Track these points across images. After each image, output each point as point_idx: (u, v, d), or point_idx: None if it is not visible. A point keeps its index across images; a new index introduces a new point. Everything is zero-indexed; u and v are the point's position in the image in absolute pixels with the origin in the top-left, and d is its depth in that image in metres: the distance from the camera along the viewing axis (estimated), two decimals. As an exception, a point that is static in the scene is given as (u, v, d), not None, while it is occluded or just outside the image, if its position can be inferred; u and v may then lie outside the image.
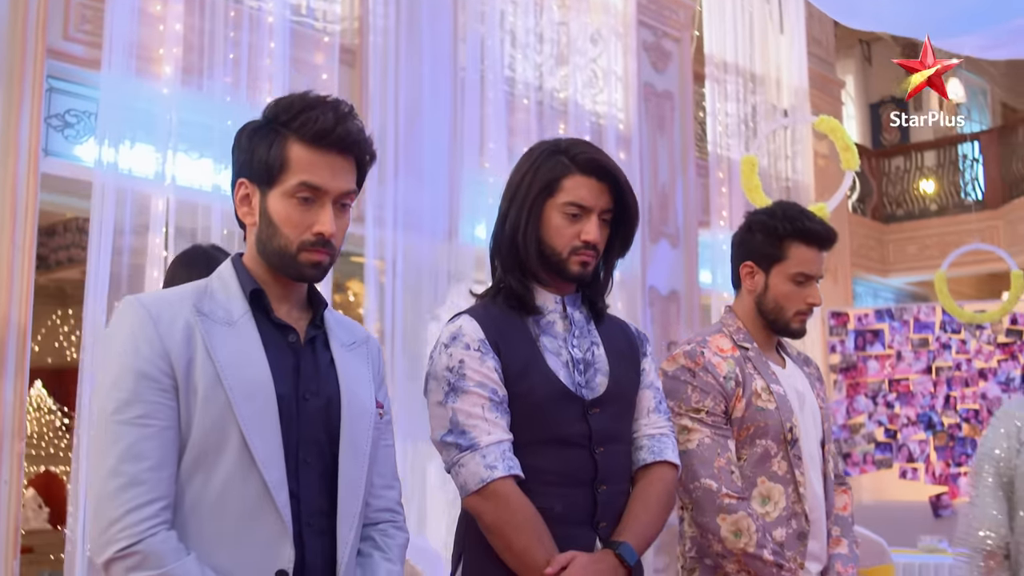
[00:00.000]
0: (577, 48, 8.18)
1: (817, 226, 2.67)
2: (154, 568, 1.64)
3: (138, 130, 5.50)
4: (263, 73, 5.99)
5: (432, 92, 6.83)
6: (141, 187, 5.46)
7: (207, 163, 5.82)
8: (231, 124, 5.84)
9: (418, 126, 6.72)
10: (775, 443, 2.55)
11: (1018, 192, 12.25)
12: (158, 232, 5.47)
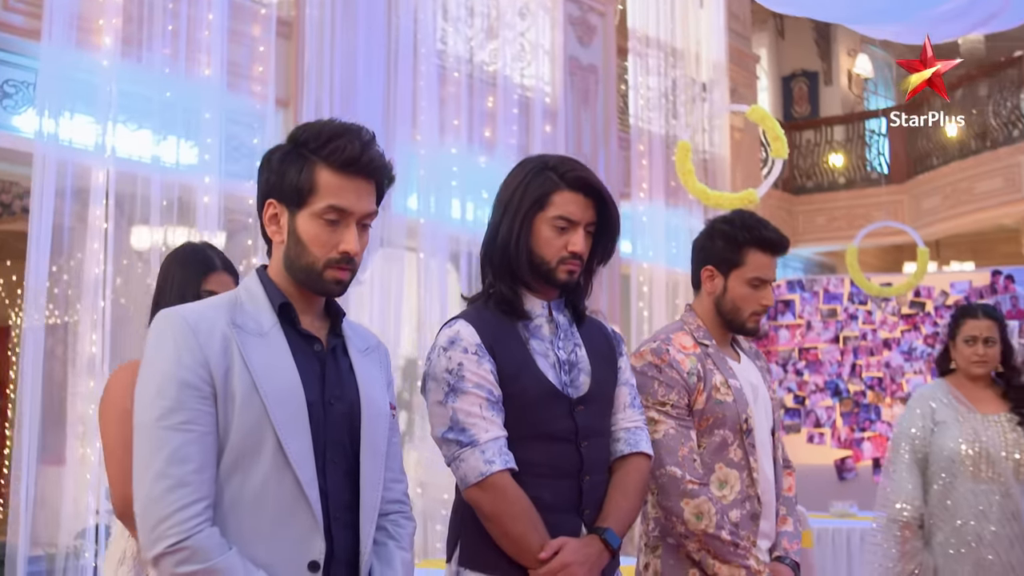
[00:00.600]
0: (506, 22, 8.30)
1: (773, 235, 2.88)
2: (202, 562, 1.79)
3: (78, 101, 5.51)
4: (202, 45, 6.01)
5: (367, 65, 6.90)
6: (81, 158, 5.47)
7: (146, 134, 5.85)
8: (170, 96, 5.88)
9: (353, 98, 6.79)
10: (732, 432, 2.78)
11: (922, 168, 12.74)
12: (99, 203, 5.49)
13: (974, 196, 11.83)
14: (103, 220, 5.48)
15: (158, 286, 2.78)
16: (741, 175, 11.71)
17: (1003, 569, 3.64)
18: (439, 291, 7.24)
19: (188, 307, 1.96)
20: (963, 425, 3.75)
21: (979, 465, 3.68)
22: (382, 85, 7.03)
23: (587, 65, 9.34)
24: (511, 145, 8.01)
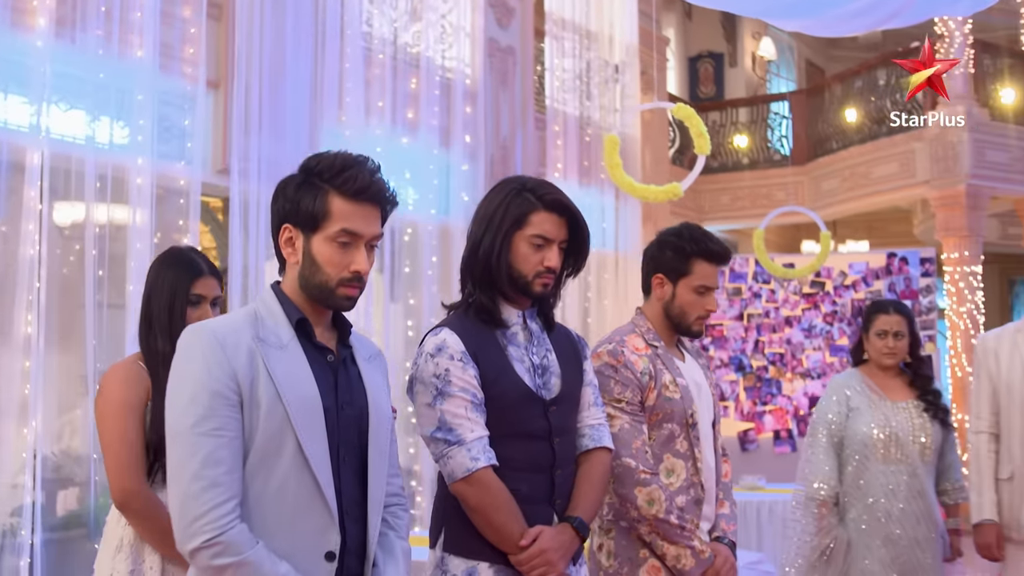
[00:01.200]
0: (429, 4, 8.42)
1: (717, 247, 3.16)
2: (235, 555, 1.99)
3: (12, 82, 5.53)
4: (134, 26, 6.05)
5: (295, 47, 6.99)
6: (15, 139, 5.50)
7: (80, 115, 5.88)
8: (103, 77, 5.92)
9: (282, 80, 6.88)
10: (679, 426, 3.06)
11: (823, 151, 13.22)
12: (33, 185, 5.53)
13: (871, 180, 12.33)
14: (37, 200, 5.51)
15: (149, 287, 2.92)
16: (650, 155, 12.03)
17: (909, 543, 3.98)
18: (372, 266, 7.39)
19: (215, 323, 2.14)
20: (875, 411, 4.08)
21: (889, 448, 4.02)
22: (309, 67, 7.12)
23: (506, 47, 9.49)
24: (433, 126, 8.17)
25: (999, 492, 4.09)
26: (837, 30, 8.84)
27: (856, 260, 10.42)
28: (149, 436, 2.77)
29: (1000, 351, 4.15)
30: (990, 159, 11.56)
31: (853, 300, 10.38)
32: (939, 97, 11.70)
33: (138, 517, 2.74)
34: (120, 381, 2.80)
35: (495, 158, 9.12)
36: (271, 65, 6.82)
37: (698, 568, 2.94)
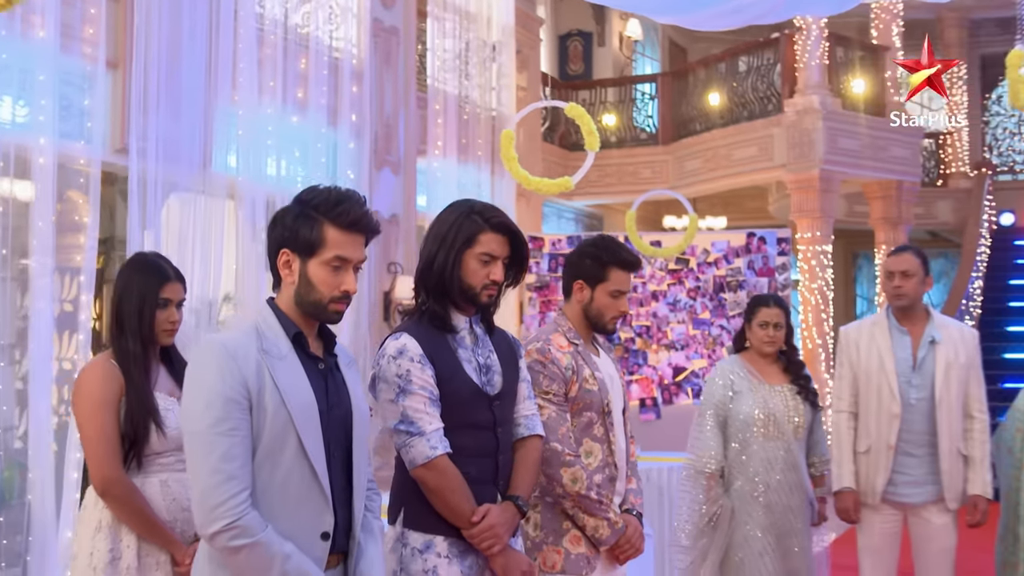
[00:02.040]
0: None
1: (630, 256, 3.60)
2: (249, 537, 2.32)
3: (-91, 64, 5.59)
4: (36, 6, 6.12)
5: (191, 27, 7.12)
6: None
7: (-18, 96, 5.96)
8: (5, 57, 6.00)
9: (178, 60, 7.01)
10: (596, 414, 3.49)
11: (687, 132, 13.86)
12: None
13: (732, 162, 13.03)
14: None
15: (120, 291, 3.19)
16: (524, 132, 12.43)
17: (784, 510, 4.50)
18: (254, 242, 7.59)
19: (224, 337, 2.45)
20: (755, 394, 4.57)
21: (768, 427, 4.52)
22: (204, 48, 7.26)
23: (389, 27, 9.72)
24: (321, 105, 8.39)
25: (857, 464, 4.65)
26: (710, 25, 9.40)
27: (718, 239, 11.04)
28: (124, 428, 3.06)
29: (860, 342, 4.70)
30: (842, 146, 12.36)
31: (715, 276, 11.02)
32: (796, 86, 12.45)
33: (117, 502, 3.03)
34: (98, 379, 3.08)
35: (379, 136, 9.38)
36: (168, 46, 6.95)
37: (613, 537, 3.39)
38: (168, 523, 3.14)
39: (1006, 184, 17.98)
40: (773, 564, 4.47)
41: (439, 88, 10.55)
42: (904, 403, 4.52)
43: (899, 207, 13.64)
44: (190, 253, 7.17)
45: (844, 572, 5.79)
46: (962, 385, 4.54)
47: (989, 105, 18.84)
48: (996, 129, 18.84)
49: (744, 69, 13.23)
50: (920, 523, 4.57)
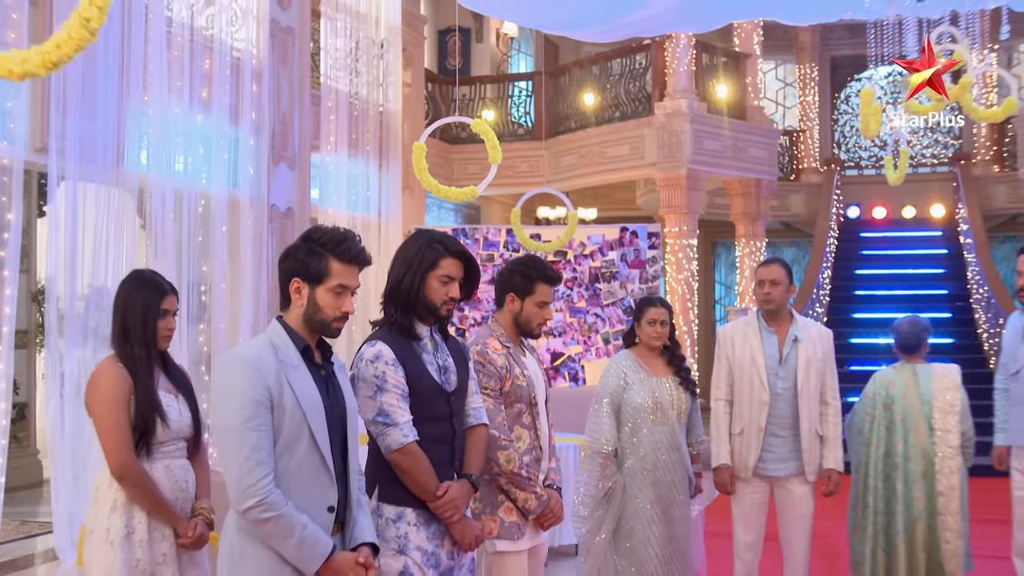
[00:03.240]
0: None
1: (553, 272, 4.26)
2: (276, 510, 2.89)
3: None
4: (-41, 13, 6.44)
5: (105, 30, 7.43)
6: None
7: None
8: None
9: (93, 62, 7.36)
10: (525, 405, 4.13)
11: (563, 129, 14.58)
12: None
13: (605, 159, 13.80)
14: None
15: (123, 304, 3.70)
16: (409, 126, 12.97)
17: (668, 484, 5.19)
18: (164, 235, 7.99)
19: (248, 351, 3.01)
20: (644, 385, 5.25)
21: (656, 413, 5.21)
22: (118, 51, 7.62)
23: (286, 27, 10.09)
24: (224, 104, 8.78)
25: (732, 443, 5.41)
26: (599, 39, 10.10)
27: (594, 233, 11.80)
28: (135, 422, 3.58)
29: (735, 340, 5.45)
30: (707, 147, 13.26)
31: (591, 268, 11.79)
32: (665, 90, 13.29)
33: (131, 484, 3.56)
34: (111, 380, 3.59)
35: (276, 132, 9.76)
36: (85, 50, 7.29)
37: (539, 507, 4.05)
38: (171, 502, 3.67)
39: (853, 179, 19.23)
40: (659, 531, 5.16)
41: (331, 86, 11.01)
42: (772, 392, 5.29)
43: (758, 203, 14.66)
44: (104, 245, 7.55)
45: (717, 538, 6.57)
46: (819, 376, 5.33)
47: (838, 104, 20.06)
48: (844, 127, 20.07)
49: (617, 72, 14.01)
50: (784, 493, 5.36)
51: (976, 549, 5.43)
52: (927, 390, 5.36)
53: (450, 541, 3.54)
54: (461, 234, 11.96)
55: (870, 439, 5.43)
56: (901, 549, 5.25)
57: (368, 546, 3.14)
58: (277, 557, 2.94)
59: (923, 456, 5.27)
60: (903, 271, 17.07)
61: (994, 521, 6.60)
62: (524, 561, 4.08)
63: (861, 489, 5.43)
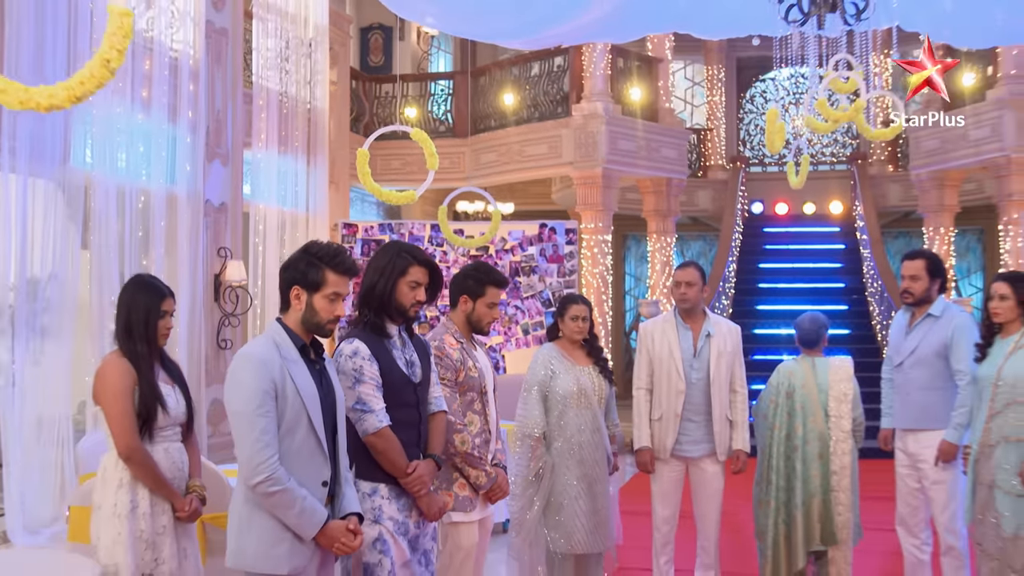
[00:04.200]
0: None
1: (501, 277, 4.81)
2: (281, 485, 3.40)
3: None
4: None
5: (53, 33, 7.80)
6: None
7: None
8: None
9: (42, 64, 7.69)
10: (476, 394, 4.67)
11: (483, 127, 15.12)
12: None
13: (524, 157, 14.39)
14: None
15: (127, 306, 4.15)
16: (335, 124, 13.39)
17: (592, 463, 5.74)
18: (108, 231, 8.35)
19: (254, 349, 3.51)
20: (569, 374, 5.80)
21: (580, 399, 5.76)
22: (65, 52, 7.95)
23: (220, 28, 10.45)
24: (163, 103, 9.13)
25: (652, 428, 6.02)
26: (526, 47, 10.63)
27: (515, 228, 12.37)
28: (139, 409, 4.05)
29: (654, 335, 6.06)
30: (621, 147, 13.92)
31: (511, 262, 12.36)
32: (582, 92, 13.89)
33: (136, 464, 4.03)
34: (118, 373, 4.06)
35: (211, 130, 10.13)
36: (34, 52, 7.61)
37: (488, 483, 4.61)
38: (170, 480, 4.14)
39: (757, 175, 20.01)
40: (585, 504, 5.73)
41: (263, 84, 11.38)
42: (687, 382, 5.92)
43: (668, 201, 15.38)
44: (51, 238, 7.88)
45: (637, 516, 7.18)
46: (729, 368, 5.97)
47: (744, 104, 20.86)
48: (749, 126, 20.87)
49: (536, 73, 14.59)
50: (698, 472, 5.99)
51: (865, 521, 6.10)
52: (824, 381, 6.01)
53: (417, 512, 4.08)
54: (387, 229, 12.45)
55: (773, 423, 6.06)
56: (799, 520, 5.91)
57: (355, 515, 3.67)
58: (280, 524, 3.47)
59: (819, 439, 5.92)
60: (804, 265, 17.81)
61: (882, 497, 7.31)
62: (475, 530, 4.65)
63: (765, 468, 6.07)
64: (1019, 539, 5.09)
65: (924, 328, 5.88)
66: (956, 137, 14.27)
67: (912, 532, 6.03)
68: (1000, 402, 5.25)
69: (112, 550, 4.00)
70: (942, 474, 5.80)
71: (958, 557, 5.83)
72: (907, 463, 6.00)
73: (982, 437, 5.32)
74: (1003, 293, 5.34)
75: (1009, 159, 13.39)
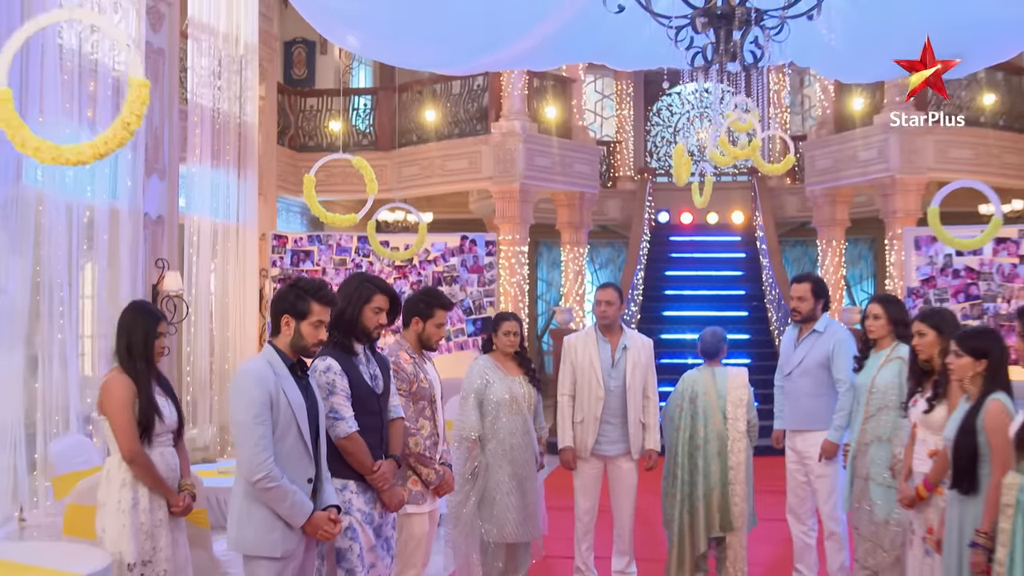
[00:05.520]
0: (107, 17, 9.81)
1: (448, 300, 5.52)
2: (276, 482, 4.07)
3: None
4: None
5: (7, 57, 8.28)
6: None
7: None
8: None
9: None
10: (427, 402, 5.37)
11: (405, 142, 15.77)
12: None
13: (445, 171, 15.08)
14: None
15: (127, 329, 4.77)
16: (263, 137, 13.93)
17: (522, 462, 6.44)
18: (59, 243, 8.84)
19: (254, 367, 4.16)
20: (502, 383, 6.49)
21: (512, 406, 6.46)
22: (18, 75, 8.43)
23: (157, 49, 10.93)
24: (106, 122, 9.57)
25: (574, 430, 6.77)
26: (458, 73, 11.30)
27: (437, 240, 13.08)
28: (139, 418, 4.67)
29: (577, 347, 6.82)
30: (537, 163, 14.70)
31: (434, 272, 13.06)
32: (501, 111, 14.63)
33: (138, 466, 4.66)
34: (121, 387, 4.68)
35: (149, 146, 10.63)
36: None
37: (437, 480, 5.33)
38: (165, 479, 4.77)
39: (663, 186, 20.74)
40: (515, 499, 6.42)
41: (197, 102, 11.90)
42: (606, 390, 6.69)
43: (581, 214, 16.21)
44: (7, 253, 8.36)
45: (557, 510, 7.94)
46: (642, 377, 6.76)
47: (651, 117, 21.76)
48: (656, 138, 21.76)
49: (457, 92, 15.30)
50: (615, 468, 6.78)
51: (759, 510, 6.93)
52: (723, 388, 6.81)
53: (380, 504, 4.78)
54: (316, 240, 13.04)
55: (679, 425, 6.85)
56: (701, 510, 6.70)
57: (334, 507, 4.36)
58: (274, 515, 4.15)
59: (718, 439, 6.73)
60: (707, 273, 18.66)
61: (774, 490, 8.15)
62: (426, 520, 5.37)
63: (672, 464, 6.86)
64: (889, 523, 5.94)
65: (810, 342, 6.75)
66: (847, 157, 15.33)
67: (800, 519, 6.89)
68: (873, 407, 6.10)
69: (117, 540, 4.63)
70: (825, 469, 6.67)
71: (838, 540, 6.71)
72: (795, 459, 6.87)
73: (859, 437, 6.17)
74: (876, 313, 6.21)
75: (894, 179, 14.49)
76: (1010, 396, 4.58)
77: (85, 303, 9.57)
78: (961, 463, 4.57)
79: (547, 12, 7.84)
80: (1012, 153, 14.92)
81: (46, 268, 8.76)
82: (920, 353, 5.45)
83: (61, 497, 6.45)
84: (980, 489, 4.51)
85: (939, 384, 5.22)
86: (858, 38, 8.32)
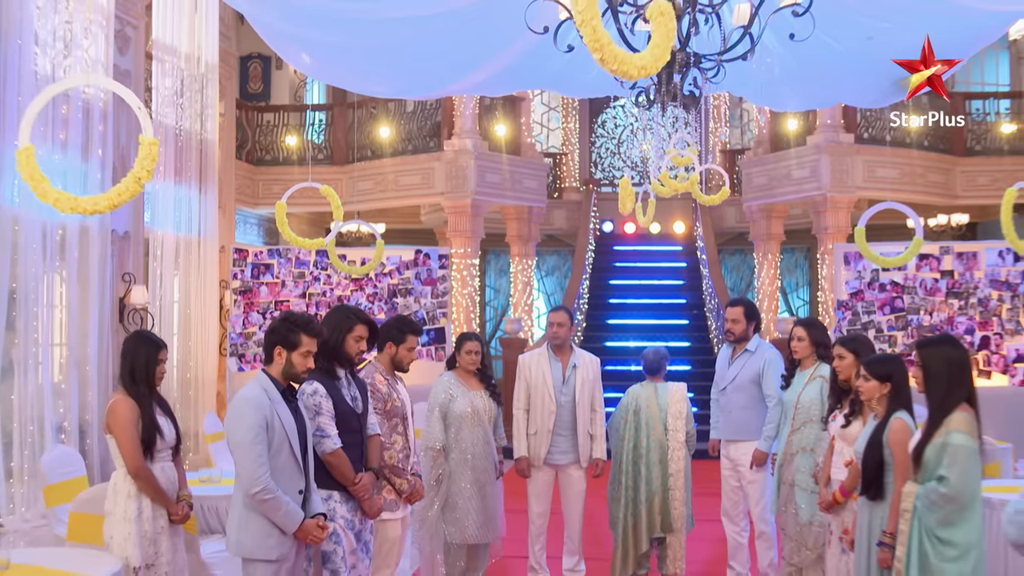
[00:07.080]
0: (77, 43, 10.24)
1: (418, 326, 6.10)
2: (272, 494, 4.63)
3: None
4: None
5: None
6: None
7: None
8: None
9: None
10: (399, 419, 5.95)
11: (360, 157, 16.27)
12: None
13: (399, 186, 15.62)
14: None
15: (131, 355, 5.30)
16: (223, 153, 14.36)
17: (482, 470, 7.00)
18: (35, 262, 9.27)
19: (250, 393, 4.71)
20: (465, 398, 7.07)
21: (474, 418, 7.04)
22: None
23: (124, 71, 11.33)
24: (77, 144, 10.06)
25: (528, 441, 7.38)
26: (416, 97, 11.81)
27: (393, 254, 13.60)
28: (142, 437, 5.21)
29: (531, 365, 7.43)
30: (488, 180, 15.30)
31: (389, 284, 13.59)
32: (454, 129, 15.20)
33: (142, 480, 5.19)
34: (126, 409, 5.21)
35: (116, 166, 11.02)
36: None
37: (409, 489, 5.92)
38: (165, 491, 5.31)
39: (607, 196, 21.44)
40: (476, 504, 7.00)
41: (161, 121, 12.31)
42: (557, 404, 7.31)
43: (530, 227, 16.84)
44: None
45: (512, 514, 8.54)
46: (591, 392, 7.39)
47: (596, 129, 22.42)
48: (600, 149, 22.45)
49: (411, 109, 15.84)
50: (565, 476, 7.41)
51: (696, 513, 7.58)
52: (664, 401, 7.45)
53: (360, 512, 5.37)
54: (276, 254, 13.53)
55: (624, 435, 7.47)
56: (644, 513, 7.33)
57: (321, 515, 4.93)
58: (269, 523, 4.72)
59: (659, 448, 7.36)
60: (650, 282, 19.31)
61: (710, 493, 8.80)
62: (399, 525, 5.98)
63: (617, 471, 7.48)
64: (812, 525, 6.61)
65: (742, 360, 7.43)
66: (781, 176, 16.12)
67: (733, 521, 7.57)
68: (799, 420, 6.77)
69: (124, 546, 5.17)
70: (756, 475, 7.36)
71: (768, 540, 7.40)
72: (729, 467, 7.55)
73: (785, 447, 6.84)
74: (800, 336, 6.89)
75: (826, 197, 15.30)
76: (911, 415, 5.26)
77: (54, 314, 9.99)
78: (869, 473, 5.23)
79: (500, 49, 8.40)
80: (935, 172, 15.81)
81: (21, 284, 9.18)
82: (840, 374, 6.11)
83: (52, 506, 6.92)
84: (886, 495, 5.17)
85: (855, 402, 5.89)
86: (788, 72, 8.99)
